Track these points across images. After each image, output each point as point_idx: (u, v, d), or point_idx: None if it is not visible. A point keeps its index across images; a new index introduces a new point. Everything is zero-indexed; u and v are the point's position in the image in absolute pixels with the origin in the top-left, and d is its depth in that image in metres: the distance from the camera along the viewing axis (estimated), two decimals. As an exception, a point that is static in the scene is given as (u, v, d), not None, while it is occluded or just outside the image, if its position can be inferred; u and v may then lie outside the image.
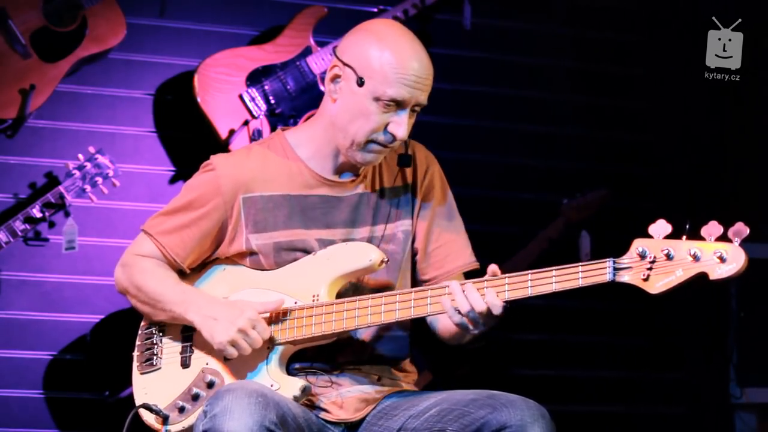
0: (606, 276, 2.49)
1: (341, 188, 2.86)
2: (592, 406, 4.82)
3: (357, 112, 2.74)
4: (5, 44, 3.99)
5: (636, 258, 2.47)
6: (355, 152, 2.78)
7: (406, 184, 2.91)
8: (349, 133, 2.76)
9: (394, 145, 2.78)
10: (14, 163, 4.21)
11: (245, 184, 2.83)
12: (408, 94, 2.71)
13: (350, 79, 2.75)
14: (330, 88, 2.80)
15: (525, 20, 4.80)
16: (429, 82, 2.75)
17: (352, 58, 2.76)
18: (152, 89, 4.36)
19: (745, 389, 4.82)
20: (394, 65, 2.70)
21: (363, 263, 2.76)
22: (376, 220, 2.86)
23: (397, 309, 2.69)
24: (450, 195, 2.97)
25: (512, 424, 2.55)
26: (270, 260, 2.82)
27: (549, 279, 2.54)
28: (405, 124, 2.74)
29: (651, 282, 2.46)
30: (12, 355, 4.18)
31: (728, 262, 2.40)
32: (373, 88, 2.71)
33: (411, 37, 2.78)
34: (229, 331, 2.70)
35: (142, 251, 2.89)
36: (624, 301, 4.79)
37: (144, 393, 2.85)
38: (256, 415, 2.47)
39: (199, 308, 2.77)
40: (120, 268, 2.92)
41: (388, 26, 2.83)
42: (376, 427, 2.75)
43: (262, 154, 2.88)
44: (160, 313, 2.85)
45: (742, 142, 4.99)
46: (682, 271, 2.43)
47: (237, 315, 2.71)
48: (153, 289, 2.84)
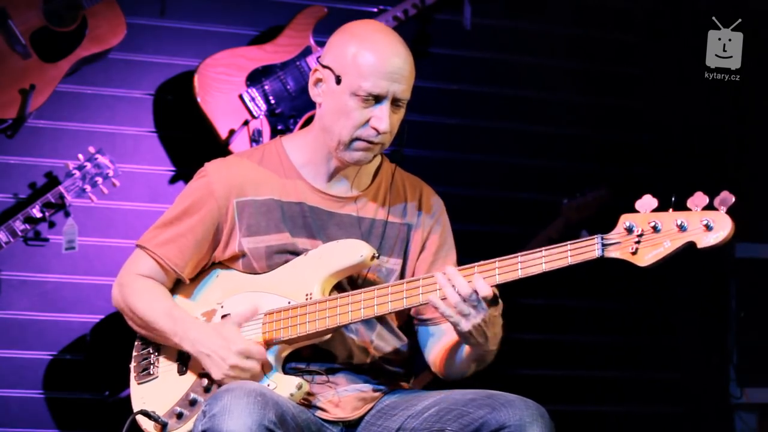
0: (595, 252, 2.50)
1: (334, 203, 2.86)
2: (592, 406, 4.82)
3: (338, 111, 2.76)
4: (5, 44, 3.99)
5: (623, 233, 2.49)
6: (343, 152, 2.79)
7: (408, 222, 2.91)
8: (335, 132, 2.78)
9: (379, 141, 2.77)
10: (14, 163, 4.21)
11: (238, 187, 2.84)
12: (384, 87, 2.73)
13: (329, 79, 2.78)
14: (313, 92, 2.83)
15: (525, 20, 4.80)
16: (406, 73, 2.76)
17: (330, 59, 2.80)
18: (152, 89, 4.36)
19: (745, 389, 4.83)
20: (368, 59, 2.73)
21: (354, 259, 2.76)
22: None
23: (390, 300, 2.69)
24: (453, 244, 2.96)
25: (511, 423, 2.55)
26: (262, 264, 2.83)
27: (539, 259, 2.54)
28: (386, 117, 2.74)
29: (640, 255, 2.47)
30: (12, 355, 4.18)
31: (715, 229, 2.41)
32: (350, 83, 2.74)
33: (387, 32, 2.81)
34: (222, 368, 2.71)
35: (139, 269, 2.89)
36: (624, 301, 4.80)
37: (142, 402, 2.86)
38: (255, 414, 2.47)
39: (192, 342, 2.77)
40: (116, 287, 2.92)
41: (363, 24, 2.87)
42: (375, 426, 2.76)
43: (256, 159, 2.90)
44: (154, 336, 2.87)
45: (742, 142, 4.99)
46: (669, 242, 2.44)
47: (224, 347, 2.72)
48: (145, 314, 2.85)
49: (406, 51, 2.78)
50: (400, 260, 2.88)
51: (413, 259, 2.90)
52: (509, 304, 2.70)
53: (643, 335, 4.89)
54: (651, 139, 4.95)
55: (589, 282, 4.58)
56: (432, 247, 2.91)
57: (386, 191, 2.91)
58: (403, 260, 2.88)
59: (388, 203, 2.90)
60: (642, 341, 4.90)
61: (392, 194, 2.91)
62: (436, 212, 2.95)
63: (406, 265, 2.89)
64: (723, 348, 4.89)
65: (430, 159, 4.46)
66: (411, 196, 2.93)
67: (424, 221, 2.92)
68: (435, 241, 2.92)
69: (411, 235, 2.90)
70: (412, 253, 2.90)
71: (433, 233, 2.92)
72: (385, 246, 2.86)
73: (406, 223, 2.90)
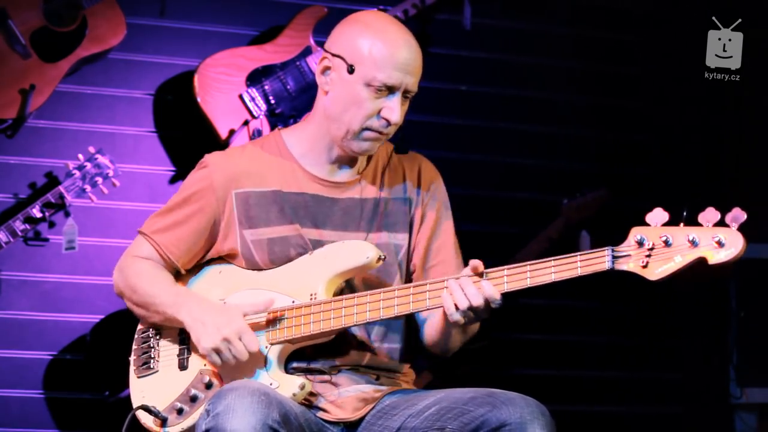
0: (605, 264, 2.50)
1: (335, 189, 2.86)
2: (592, 406, 4.82)
3: (350, 100, 2.76)
4: (5, 44, 3.99)
5: (634, 246, 2.48)
6: (350, 141, 2.79)
7: (408, 197, 2.91)
8: (344, 122, 2.77)
9: (388, 131, 2.78)
10: (14, 163, 4.22)
11: (237, 179, 2.84)
12: (398, 78, 2.73)
13: (341, 68, 2.77)
14: (321, 80, 2.82)
15: (525, 20, 4.80)
16: (418, 66, 2.78)
17: (341, 48, 2.79)
18: (152, 89, 4.36)
19: (745, 389, 4.82)
20: (384, 50, 2.73)
21: (360, 261, 2.76)
22: (370, 228, 2.85)
23: (396, 304, 2.68)
24: (450, 214, 2.97)
25: (511, 421, 2.54)
26: (264, 256, 2.82)
27: (548, 269, 2.54)
28: (398, 108, 2.75)
29: (650, 269, 2.46)
30: (12, 355, 4.18)
31: (727, 246, 2.41)
32: (364, 73, 2.73)
33: (398, 25, 2.82)
34: (214, 338, 2.70)
35: (139, 253, 2.89)
36: (624, 302, 4.80)
37: (141, 396, 2.84)
38: (259, 413, 2.47)
39: (189, 310, 2.76)
40: (117, 270, 2.92)
41: (374, 15, 2.88)
42: (376, 426, 2.75)
43: (256, 151, 2.90)
44: (154, 314, 2.85)
45: (742, 142, 4.99)
46: (680, 257, 2.44)
47: (225, 323, 2.71)
48: (147, 290, 2.84)
49: (417, 44, 2.80)
50: (407, 234, 2.89)
51: (416, 233, 2.90)
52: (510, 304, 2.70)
53: (643, 335, 4.89)
54: (651, 139, 4.95)
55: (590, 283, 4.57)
56: (430, 221, 2.91)
57: (383, 169, 2.91)
58: (409, 235, 2.89)
59: (388, 181, 2.90)
60: (642, 341, 4.90)
61: (390, 172, 2.92)
62: (434, 186, 2.95)
63: (411, 240, 2.90)
64: (723, 348, 4.89)
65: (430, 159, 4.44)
66: (410, 172, 2.94)
67: (422, 195, 2.92)
68: (433, 215, 2.92)
69: (413, 209, 2.91)
70: (415, 227, 2.90)
71: (430, 207, 2.92)
72: (390, 222, 2.86)
73: (406, 197, 2.91)
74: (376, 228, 2.85)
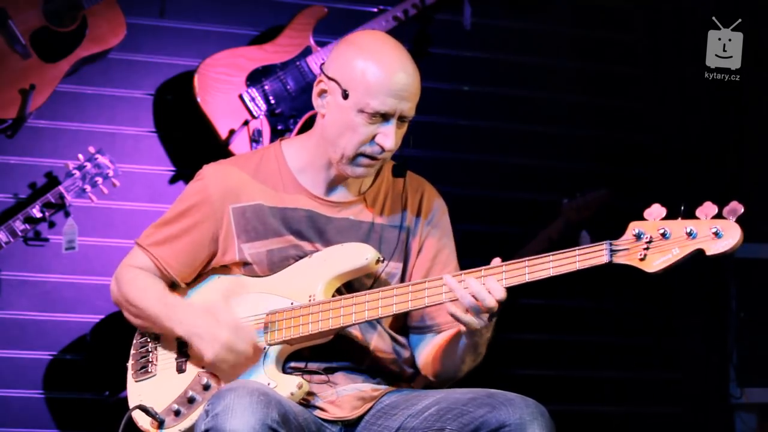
0: (603, 258, 2.51)
1: (332, 208, 2.85)
2: (592, 406, 4.81)
3: (344, 126, 2.74)
4: (5, 44, 3.99)
5: (632, 239, 2.50)
6: (345, 166, 2.78)
7: (407, 226, 2.89)
8: (339, 146, 2.76)
9: (383, 157, 2.77)
10: (14, 163, 4.21)
11: (234, 193, 2.84)
12: (393, 105, 2.70)
13: (335, 92, 2.75)
14: (317, 103, 2.81)
15: (525, 20, 4.80)
16: (414, 91, 2.74)
17: (336, 71, 2.76)
18: (152, 89, 4.36)
19: (745, 389, 4.82)
20: (377, 76, 2.70)
21: (359, 262, 2.76)
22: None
23: (394, 303, 2.69)
24: (452, 244, 2.94)
25: (511, 422, 2.55)
26: (264, 268, 2.83)
27: (546, 264, 2.55)
28: (392, 135, 2.73)
29: (648, 261, 2.48)
30: (12, 355, 4.18)
31: (724, 237, 2.42)
32: (357, 100, 2.71)
33: (395, 48, 2.77)
34: (214, 347, 2.71)
35: (135, 263, 2.90)
36: (624, 302, 4.80)
37: (139, 399, 2.85)
38: (259, 413, 2.47)
39: (180, 322, 2.78)
40: (113, 281, 2.94)
41: (372, 37, 2.84)
42: (375, 426, 2.75)
43: (254, 164, 2.89)
44: (152, 326, 2.86)
45: (742, 142, 4.99)
46: (678, 249, 2.46)
47: (216, 326, 2.72)
48: (139, 302, 2.85)
49: (414, 67, 2.75)
50: (401, 264, 2.87)
51: (412, 264, 2.89)
52: (510, 304, 2.70)
53: (643, 335, 4.89)
54: (651, 139, 4.95)
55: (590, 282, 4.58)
56: (429, 253, 2.90)
57: (386, 194, 2.90)
58: (403, 264, 2.88)
59: (388, 206, 2.89)
60: (642, 341, 4.89)
61: (392, 197, 2.90)
62: (435, 216, 2.93)
63: (406, 270, 2.88)
64: (723, 348, 4.89)
65: (430, 159, 4.45)
66: (411, 199, 2.92)
67: (422, 225, 2.91)
68: (432, 246, 2.90)
69: (410, 239, 2.89)
70: (411, 257, 2.89)
71: (430, 237, 2.90)
72: (384, 250, 2.84)
73: (404, 226, 2.89)
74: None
